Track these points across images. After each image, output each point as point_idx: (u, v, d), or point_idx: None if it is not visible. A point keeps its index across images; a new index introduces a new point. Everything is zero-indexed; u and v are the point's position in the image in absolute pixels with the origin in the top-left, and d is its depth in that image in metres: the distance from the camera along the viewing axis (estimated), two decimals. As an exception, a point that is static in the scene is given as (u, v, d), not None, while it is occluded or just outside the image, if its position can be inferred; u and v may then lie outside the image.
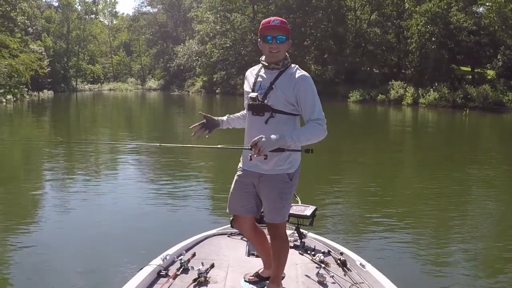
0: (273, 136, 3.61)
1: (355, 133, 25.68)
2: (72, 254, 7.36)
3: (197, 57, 73.86)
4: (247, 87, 4.06)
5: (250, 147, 3.66)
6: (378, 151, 18.70)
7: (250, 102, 3.92)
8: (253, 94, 3.89)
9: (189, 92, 76.25)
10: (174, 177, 13.26)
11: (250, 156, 3.84)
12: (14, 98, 48.54)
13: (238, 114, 4.39)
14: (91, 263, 7.03)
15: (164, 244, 5.36)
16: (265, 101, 3.85)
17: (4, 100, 45.53)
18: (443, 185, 12.88)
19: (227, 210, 4.24)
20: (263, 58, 4.01)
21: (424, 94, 44.77)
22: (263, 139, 3.57)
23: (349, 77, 55.02)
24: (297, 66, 3.96)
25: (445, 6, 46.77)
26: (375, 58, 57.94)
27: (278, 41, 3.84)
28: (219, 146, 4.35)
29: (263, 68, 4.02)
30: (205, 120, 4.29)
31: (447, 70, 48.06)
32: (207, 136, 4.27)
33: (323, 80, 56.66)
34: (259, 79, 3.97)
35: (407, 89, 47.07)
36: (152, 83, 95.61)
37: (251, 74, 4.10)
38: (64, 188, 12.17)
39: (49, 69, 65.31)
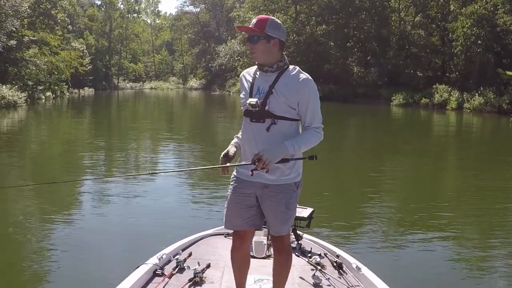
0: (275, 148, 3.39)
1: (371, 137, 25.25)
2: (67, 252, 7.28)
3: (238, 57, 73.70)
4: (244, 91, 3.74)
5: (253, 163, 3.43)
6: (387, 155, 18.45)
7: (249, 108, 3.58)
8: (253, 100, 3.56)
9: (230, 92, 76.47)
10: (171, 177, 13.18)
11: (251, 171, 3.52)
12: (54, 95, 49.09)
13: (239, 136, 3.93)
14: (86, 261, 6.94)
15: (160, 243, 5.39)
16: (266, 107, 3.52)
17: (43, 97, 46.05)
18: (445, 189, 13.08)
19: (225, 227, 3.92)
20: None
21: (469, 99, 43.41)
22: (267, 153, 3.36)
23: (392, 79, 54.10)
24: (297, 68, 3.64)
25: (492, 8, 45.37)
26: (419, 60, 56.64)
27: (251, 41, 3.60)
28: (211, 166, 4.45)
29: (258, 70, 3.70)
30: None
31: (493, 74, 46.57)
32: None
33: (366, 83, 56.09)
34: (257, 82, 3.66)
35: (452, 93, 45.74)
36: (193, 82, 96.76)
37: (248, 76, 3.77)
38: (62, 188, 12.04)
39: (90, 67, 66.41)
